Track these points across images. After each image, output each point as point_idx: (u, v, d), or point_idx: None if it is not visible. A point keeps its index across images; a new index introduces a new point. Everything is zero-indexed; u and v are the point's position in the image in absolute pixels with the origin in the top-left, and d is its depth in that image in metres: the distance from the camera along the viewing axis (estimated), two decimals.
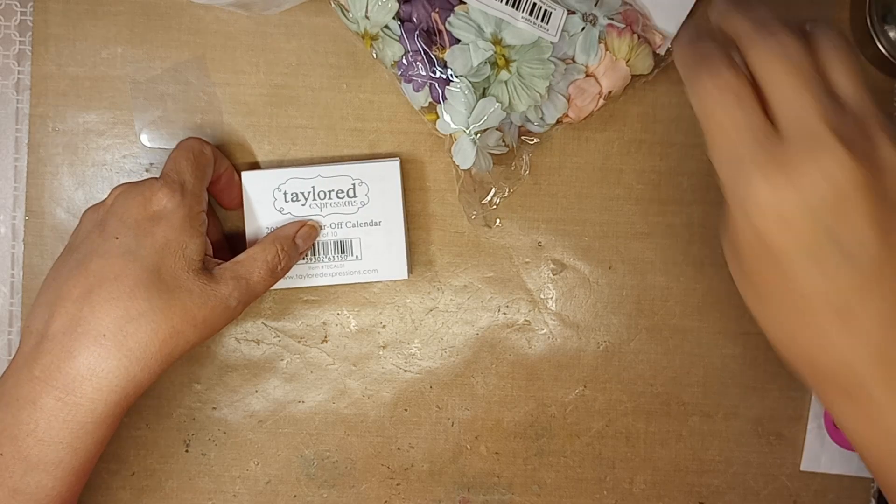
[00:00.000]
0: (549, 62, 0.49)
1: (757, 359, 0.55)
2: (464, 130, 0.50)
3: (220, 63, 0.54)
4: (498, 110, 0.49)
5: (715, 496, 0.55)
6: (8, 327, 0.55)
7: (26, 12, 0.54)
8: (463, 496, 0.55)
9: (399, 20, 0.49)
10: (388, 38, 0.49)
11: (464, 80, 0.49)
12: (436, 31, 0.49)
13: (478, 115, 0.49)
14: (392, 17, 0.49)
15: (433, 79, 0.49)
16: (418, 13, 0.49)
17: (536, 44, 0.49)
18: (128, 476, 0.55)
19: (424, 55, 0.49)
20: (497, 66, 0.49)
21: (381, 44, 0.50)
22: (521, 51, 0.49)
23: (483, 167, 0.51)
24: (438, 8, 0.49)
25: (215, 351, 0.55)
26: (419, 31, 0.49)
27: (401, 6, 0.49)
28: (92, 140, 0.54)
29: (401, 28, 0.49)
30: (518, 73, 0.49)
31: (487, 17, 0.48)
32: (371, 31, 0.50)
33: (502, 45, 0.49)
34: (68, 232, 0.54)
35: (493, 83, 0.49)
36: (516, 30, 0.49)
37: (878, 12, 0.51)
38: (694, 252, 0.55)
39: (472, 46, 0.48)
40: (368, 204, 0.52)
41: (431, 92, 0.50)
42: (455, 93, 0.49)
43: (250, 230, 0.52)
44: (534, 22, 0.48)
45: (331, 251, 0.52)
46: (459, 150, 0.50)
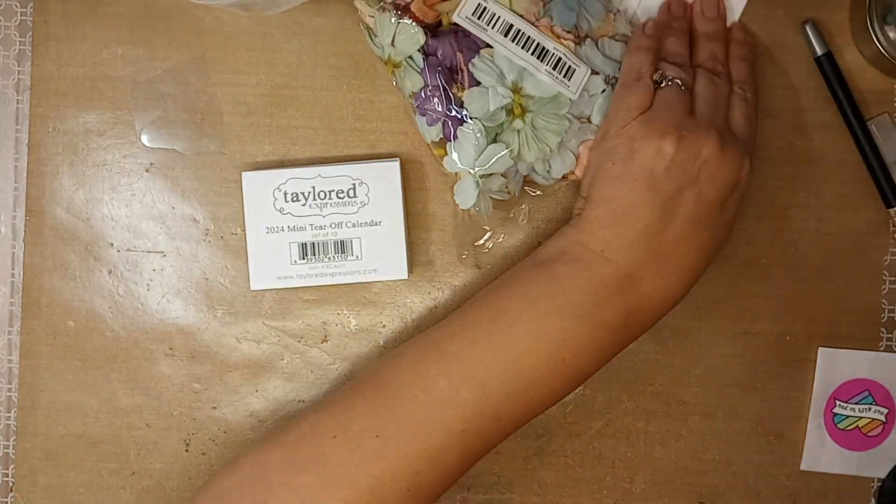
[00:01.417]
0: (564, 118, 0.50)
1: (757, 359, 0.55)
2: (469, 171, 0.50)
3: (220, 63, 0.54)
4: (506, 157, 0.50)
5: (715, 496, 0.55)
6: (8, 327, 0.55)
7: (26, 13, 0.54)
8: (463, 496, 0.55)
9: (424, 53, 0.49)
10: (411, 68, 0.49)
11: (477, 123, 0.49)
12: (458, 70, 0.49)
13: (485, 159, 0.49)
14: (417, 49, 0.49)
15: (448, 116, 0.49)
16: (444, 49, 0.49)
17: (555, 98, 0.49)
18: (128, 476, 0.55)
19: (443, 91, 0.49)
20: (513, 114, 0.49)
21: (402, 72, 0.50)
22: (539, 103, 0.49)
23: (483, 210, 0.51)
24: (464, 48, 0.49)
25: (215, 351, 0.55)
26: (442, 67, 0.49)
27: (428, 40, 0.49)
28: (92, 140, 0.54)
29: (424, 61, 0.49)
30: (532, 124, 0.50)
31: (511, 64, 0.49)
32: (395, 58, 0.50)
33: (521, 94, 0.49)
34: (68, 232, 0.54)
35: (506, 130, 0.50)
36: (538, 81, 0.49)
37: (878, 12, 0.51)
38: None
39: (491, 91, 0.49)
40: (369, 204, 0.52)
41: (444, 128, 0.50)
42: (467, 133, 0.49)
43: (250, 230, 0.52)
44: (556, 76, 0.49)
45: (331, 251, 0.52)
46: (462, 189, 0.50)
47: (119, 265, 0.55)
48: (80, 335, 0.55)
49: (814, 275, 0.55)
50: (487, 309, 0.46)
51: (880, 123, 0.54)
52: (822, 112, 0.54)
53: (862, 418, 0.55)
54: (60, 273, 0.54)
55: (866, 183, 0.54)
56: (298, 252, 0.52)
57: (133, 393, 0.55)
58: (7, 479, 0.55)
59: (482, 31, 0.49)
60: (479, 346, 0.45)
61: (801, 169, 0.55)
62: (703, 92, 0.49)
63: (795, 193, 0.55)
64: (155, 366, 0.55)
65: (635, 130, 0.47)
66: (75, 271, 0.55)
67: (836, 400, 0.55)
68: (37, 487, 0.54)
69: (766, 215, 0.55)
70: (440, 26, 0.50)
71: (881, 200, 0.54)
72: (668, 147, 0.46)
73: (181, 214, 0.54)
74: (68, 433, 0.54)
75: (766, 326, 0.55)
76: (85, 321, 0.55)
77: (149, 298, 0.55)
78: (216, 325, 0.55)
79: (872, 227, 0.55)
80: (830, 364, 0.55)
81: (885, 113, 0.54)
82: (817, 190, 0.55)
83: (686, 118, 0.47)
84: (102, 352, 0.55)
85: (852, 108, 0.54)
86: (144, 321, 0.55)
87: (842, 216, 0.55)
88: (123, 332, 0.55)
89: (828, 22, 0.54)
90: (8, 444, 0.55)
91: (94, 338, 0.55)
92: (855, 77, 0.54)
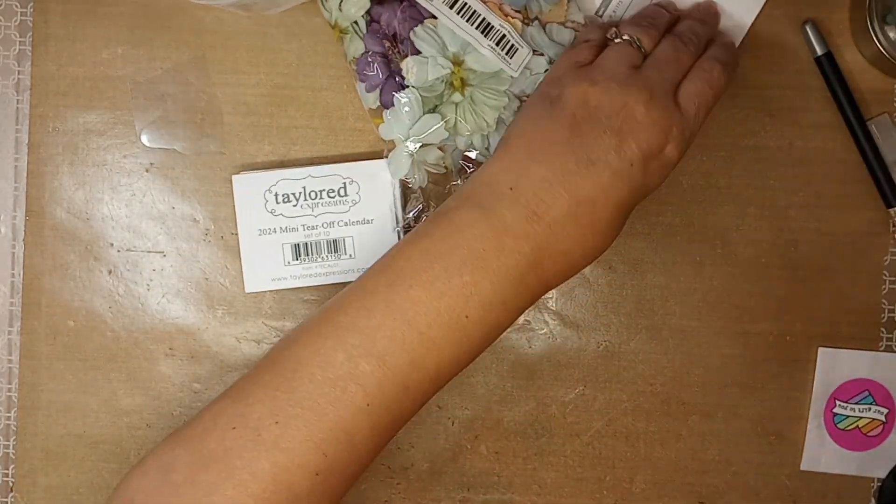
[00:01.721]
0: (504, 94, 0.49)
1: (757, 359, 0.55)
2: (403, 140, 0.50)
3: (220, 63, 0.54)
4: (441, 129, 0.49)
5: (715, 496, 0.55)
6: (8, 327, 0.55)
7: (26, 12, 0.54)
8: (463, 496, 0.55)
9: (368, 19, 0.49)
10: (355, 34, 0.50)
11: (414, 92, 0.49)
12: (400, 39, 0.49)
13: (420, 129, 0.49)
14: (362, 15, 0.49)
15: (386, 84, 0.49)
16: (387, 16, 0.49)
17: (496, 74, 0.49)
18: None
19: (383, 58, 0.49)
20: (452, 86, 0.49)
21: (348, 38, 0.50)
22: (480, 77, 0.49)
23: (417, 181, 0.51)
24: (409, 16, 0.49)
25: (215, 351, 0.55)
26: (384, 34, 0.49)
27: (373, 6, 0.49)
28: (92, 140, 0.54)
29: (367, 27, 0.49)
30: (471, 98, 0.49)
31: (454, 36, 0.48)
32: (341, 23, 0.50)
33: (462, 67, 0.49)
34: (68, 232, 0.54)
35: (445, 102, 0.49)
36: (480, 56, 0.49)
37: (878, 12, 0.51)
38: (694, 252, 0.55)
39: (430, 61, 0.48)
40: (360, 202, 0.52)
41: (382, 96, 0.50)
42: (403, 101, 0.49)
43: (243, 233, 0.52)
44: (499, 53, 0.49)
45: (324, 251, 0.52)
46: (394, 158, 0.50)
47: (119, 265, 0.55)
48: (80, 335, 0.55)
49: (814, 275, 0.55)
50: (384, 272, 0.44)
51: (880, 123, 0.54)
52: (822, 112, 0.54)
53: (862, 418, 0.55)
54: (60, 273, 0.54)
55: (866, 183, 0.54)
56: (292, 253, 0.52)
57: (133, 393, 0.55)
58: (7, 479, 0.55)
59: (428, 1, 0.48)
60: (375, 314, 0.42)
61: (801, 169, 0.55)
62: (658, 54, 0.47)
63: (795, 193, 0.55)
64: (155, 366, 0.55)
65: (568, 78, 0.46)
66: (75, 271, 0.55)
67: (836, 400, 0.55)
68: (37, 487, 0.54)
69: (766, 215, 0.55)
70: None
71: (881, 200, 0.54)
72: (594, 93, 0.44)
73: (181, 214, 0.55)
74: (68, 433, 0.54)
75: (766, 326, 0.55)
76: (85, 321, 0.55)
77: (149, 298, 0.55)
78: (216, 325, 0.55)
79: (872, 227, 0.55)
80: (830, 364, 0.55)
81: (885, 113, 0.54)
82: (817, 190, 0.55)
83: (624, 71, 0.45)
84: (102, 352, 0.55)
85: (852, 108, 0.54)
86: (144, 321, 0.55)
87: (842, 216, 0.55)
88: (123, 332, 0.55)
89: (828, 22, 0.54)
90: (8, 444, 0.55)
91: (94, 338, 0.55)
92: (855, 77, 0.54)
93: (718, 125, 0.54)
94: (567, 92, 0.45)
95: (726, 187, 0.55)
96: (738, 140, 0.55)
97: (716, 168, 0.55)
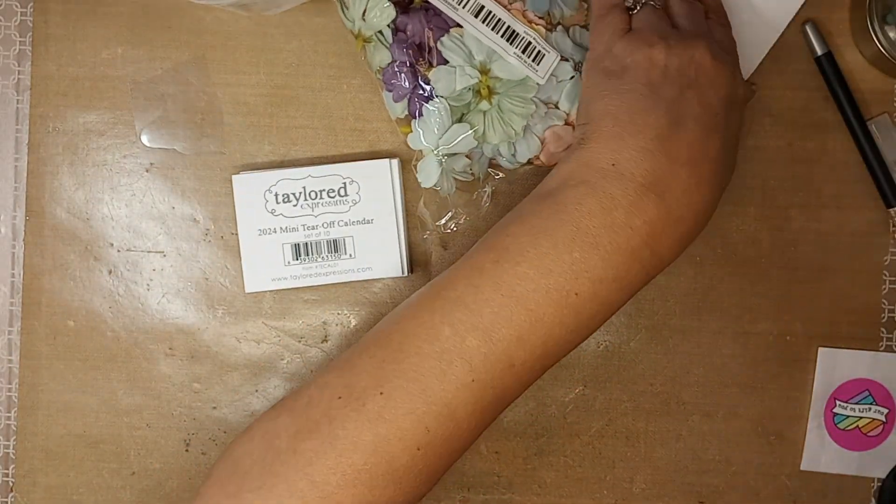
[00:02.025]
0: (531, 102, 0.49)
1: (757, 359, 0.55)
2: (432, 150, 0.50)
3: (220, 63, 0.54)
4: (469, 138, 0.49)
5: (715, 496, 0.55)
6: (8, 327, 0.55)
7: (26, 12, 0.54)
8: (463, 496, 0.55)
9: (393, 28, 0.49)
10: (380, 43, 0.49)
11: (443, 101, 0.49)
12: (426, 48, 0.49)
13: (449, 138, 0.49)
14: (387, 24, 0.49)
15: (414, 93, 0.49)
16: (413, 26, 0.49)
17: (523, 82, 0.49)
18: (128, 476, 0.55)
19: (410, 68, 0.49)
20: (479, 95, 0.49)
21: (372, 47, 0.50)
22: (507, 85, 0.49)
23: (445, 189, 0.51)
24: (434, 25, 0.49)
25: (215, 351, 0.55)
26: (410, 43, 0.49)
27: (398, 16, 0.49)
28: (92, 140, 0.54)
29: (393, 36, 0.49)
30: (499, 106, 0.49)
31: (480, 45, 0.49)
32: (365, 33, 0.50)
33: (489, 75, 0.49)
34: (68, 232, 0.54)
35: (472, 111, 0.49)
36: (506, 64, 0.49)
37: (878, 12, 0.51)
38: (694, 252, 0.55)
39: (458, 70, 0.49)
40: (360, 202, 0.52)
41: (410, 105, 0.50)
42: (432, 111, 0.49)
43: (243, 233, 0.52)
44: (525, 60, 0.49)
45: (324, 251, 0.52)
46: (424, 167, 0.50)
47: (119, 265, 0.55)
48: (80, 335, 0.55)
49: (814, 275, 0.55)
50: (489, 250, 0.43)
51: (880, 123, 0.54)
52: (822, 112, 0.54)
53: (862, 418, 0.55)
54: (60, 273, 0.54)
55: (866, 183, 0.54)
56: (292, 253, 0.52)
57: (133, 393, 0.55)
58: (7, 479, 0.55)
59: (453, 10, 0.48)
60: (483, 290, 0.42)
61: (801, 169, 0.55)
62: (679, 10, 0.48)
63: (795, 193, 0.55)
64: (155, 366, 0.55)
65: (621, 48, 0.45)
66: (75, 271, 0.55)
67: (836, 400, 0.55)
68: (37, 487, 0.55)
69: (766, 215, 0.55)
70: (411, 3, 0.49)
71: (881, 200, 0.54)
72: (659, 55, 0.44)
73: (181, 214, 0.55)
74: (68, 433, 0.54)
75: (766, 326, 0.55)
76: (85, 321, 0.55)
77: (149, 298, 0.55)
78: (216, 325, 0.55)
79: (872, 227, 0.55)
80: (830, 364, 0.55)
81: (885, 113, 0.54)
82: (817, 190, 0.55)
83: (670, 30, 0.46)
84: (102, 352, 0.55)
85: (852, 108, 0.54)
86: (144, 321, 0.55)
87: (842, 216, 0.55)
88: (123, 332, 0.55)
89: (828, 22, 0.54)
90: (8, 444, 0.55)
91: (94, 338, 0.55)
92: (855, 77, 0.54)
93: None
94: (631, 61, 0.44)
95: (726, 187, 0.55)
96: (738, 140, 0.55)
97: None
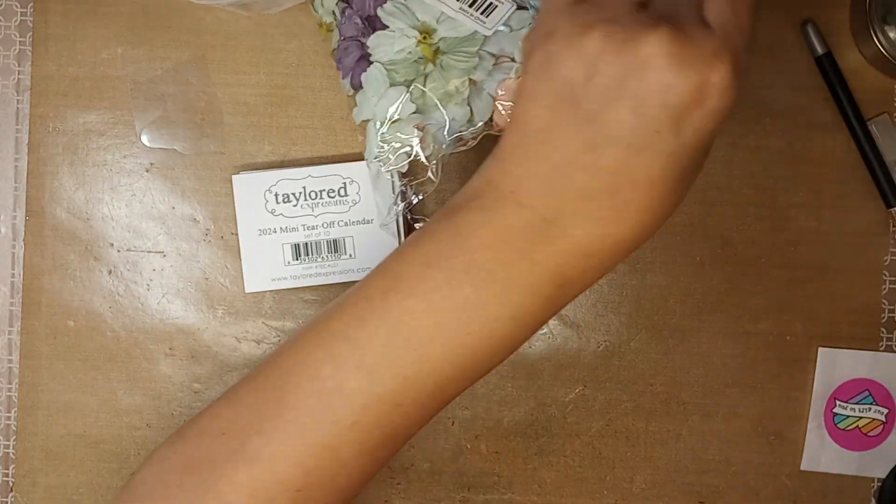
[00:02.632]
0: (474, 56, 0.44)
1: (757, 359, 0.55)
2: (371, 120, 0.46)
3: (220, 63, 0.54)
4: (407, 102, 0.45)
5: (715, 496, 0.55)
6: (8, 327, 0.55)
7: (26, 12, 0.54)
8: (463, 496, 0.55)
9: (343, 6, 0.46)
10: (335, 25, 0.47)
11: (378, 67, 0.45)
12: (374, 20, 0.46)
13: (386, 104, 0.45)
14: (336, 3, 0.46)
15: (357, 65, 0.46)
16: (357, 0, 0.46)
17: (470, 37, 0.45)
18: (128, 476, 0.55)
19: (357, 42, 0.46)
20: (426, 59, 0.45)
21: (332, 36, 0.47)
22: (453, 43, 0.45)
23: (393, 163, 0.47)
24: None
25: (215, 351, 0.55)
26: (358, 17, 0.46)
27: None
28: (92, 140, 0.54)
29: (342, 14, 0.46)
30: (441, 65, 0.45)
31: (426, 6, 0.44)
32: (326, 19, 0.48)
33: (434, 36, 0.45)
34: (68, 232, 0.54)
35: (418, 77, 0.45)
36: (453, 22, 0.44)
37: (878, 12, 0.51)
38: (694, 252, 0.55)
39: (397, 33, 0.44)
40: (360, 202, 0.52)
41: (352, 78, 0.46)
42: (369, 78, 0.45)
43: (243, 233, 0.52)
44: (471, 13, 0.44)
45: (324, 251, 0.52)
46: (367, 141, 0.47)
47: (119, 265, 0.55)
48: (80, 335, 0.55)
49: (814, 275, 0.55)
50: (383, 276, 0.39)
51: (880, 123, 0.54)
52: (822, 112, 0.54)
53: (862, 418, 0.55)
54: (60, 273, 0.54)
55: (866, 183, 0.54)
56: (292, 253, 0.52)
57: (133, 393, 0.55)
58: (7, 479, 0.55)
59: None
60: (368, 323, 0.38)
61: (801, 169, 0.55)
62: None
63: (795, 193, 0.55)
64: (155, 366, 0.55)
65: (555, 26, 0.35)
66: (75, 271, 0.55)
67: (836, 400, 0.55)
68: (37, 487, 0.55)
69: (766, 215, 0.55)
70: None
71: (881, 200, 0.54)
72: (592, 46, 0.34)
73: (181, 214, 0.55)
74: (68, 433, 0.54)
75: (766, 326, 0.55)
76: (85, 321, 0.55)
77: (149, 298, 0.55)
78: (216, 325, 0.55)
79: (872, 227, 0.55)
80: (830, 364, 0.55)
81: (885, 113, 0.54)
82: (817, 190, 0.55)
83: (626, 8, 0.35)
84: (102, 352, 0.55)
85: (852, 108, 0.54)
86: (144, 321, 0.55)
87: (842, 216, 0.55)
88: (123, 332, 0.55)
89: (828, 22, 0.54)
90: (8, 444, 0.55)
91: (94, 338, 0.55)
92: (855, 77, 0.54)
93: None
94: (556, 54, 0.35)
95: (726, 187, 0.55)
96: (738, 140, 0.55)
97: (716, 168, 0.55)
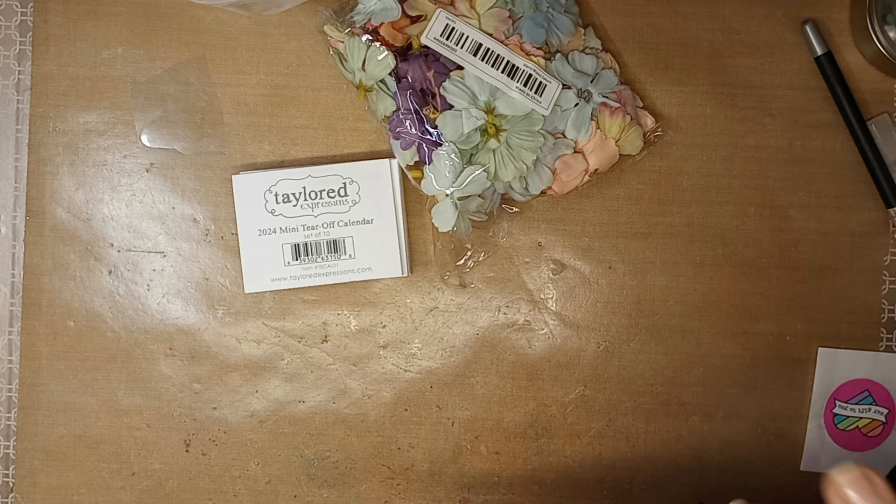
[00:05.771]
0: (538, 135, 0.49)
1: (757, 359, 0.55)
2: (446, 194, 0.50)
3: (221, 63, 0.54)
4: (482, 178, 0.49)
5: (715, 496, 0.55)
6: (8, 327, 0.55)
7: (27, 12, 0.54)
8: (463, 496, 0.55)
9: (395, 77, 0.49)
10: (383, 92, 0.49)
11: (452, 146, 0.49)
12: (430, 93, 0.49)
13: (462, 181, 0.49)
14: (388, 73, 0.49)
15: (422, 139, 0.49)
16: (414, 73, 0.49)
17: (528, 116, 0.49)
18: (128, 476, 0.55)
19: (415, 115, 0.49)
20: (487, 134, 0.49)
21: (374, 97, 0.50)
22: (513, 121, 0.49)
23: (462, 231, 0.51)
24: (434, 70, 0.49)
25: (215, 351, 0.55)
26: (413, 90, 0.49)
27: (398, 63, 0.49)
28: (92, 140, 0.54)
29: (396, 85, 0.49)
30: (507, 143, 0.49)
31: (483, 84, 0.49)
32: (366, 83, 0.50)
33: (494, 113, 0.49)
34: (68, 232, 0.54)
35: (481, 151, 0.49)
36: (510, 100, 0.49)
37: (878, 12, 0.51)
38: (694, 252, 0.55)
39: (464, 113, 0.49)
40: (360, 202, 0.52)
41: (419, 152, 0.50)
42: (442, 156, 0.49)
43: (243, 233, 0.52)
44: (527, 93, 0.49)
45: (324, 251, 0.52)
46: (440, 212, 0.50)
47: (119, 265, 0.55)
48: (80, 335, 0.55)
49: (814, 275, 0.55)
50: None
51: (880, 123, 0.54)
52: (822, 112, 0.55)
53: (862, 418, 0.55)
54: (60, 273, 0.54)
55: (866, 183, 0.55)
56: (291, 253, 0.52)
57: (133, 393, 0.55)
58: (7, 480, 0.55)
59: (451, 51, 0.49)
60: None
61: (801, 169, 0.55)
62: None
63: (795, 193, 0.55)
64: (155, 366, 0.55)
65: None
66: (75, 271, 0.55)
67: (836, 400, 0.55)
68: (37, 488, 0.55)
69: (766, 215, 0.55)
70: (410, 49, 0.49)
71: (881, 200, 0.54)
72: None
73: (181, 214, 0.55)
74: (68, 433, 0.54)
75: (766, 326, 0.55)
76: (85, 321, 0.55)
77: (149, 298, 0.55)
78: (216, 325, 0.55)
79: (872, 227, 0.55)
80: (830, 364, 0.55)
81: (885, 113, 0.54)
82: (817, 190, 0.55)
83: None
84: (102, 352, 0.55)
85: (852, 108, 0.54)
86: (144, 321, 0.55)
87: (842, 216, 0.55)
88: (123, 332, 0.55)
89: (828, 22, 0.54)
90: (8, 444, 0.55)
91: (94, 338, 0.55)
92: (855, 77, 0.54)
93: (718, 125, 0.55)
94: None
95: (726, 187, 0.55)
96: (738, 140, 0.55)
97: (716, 168, 0.55)
